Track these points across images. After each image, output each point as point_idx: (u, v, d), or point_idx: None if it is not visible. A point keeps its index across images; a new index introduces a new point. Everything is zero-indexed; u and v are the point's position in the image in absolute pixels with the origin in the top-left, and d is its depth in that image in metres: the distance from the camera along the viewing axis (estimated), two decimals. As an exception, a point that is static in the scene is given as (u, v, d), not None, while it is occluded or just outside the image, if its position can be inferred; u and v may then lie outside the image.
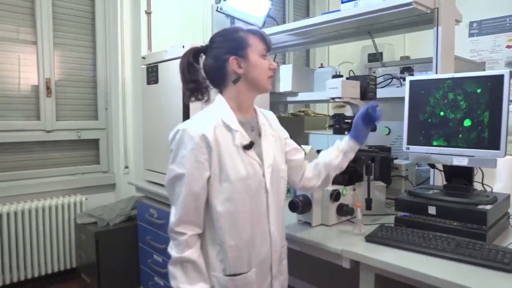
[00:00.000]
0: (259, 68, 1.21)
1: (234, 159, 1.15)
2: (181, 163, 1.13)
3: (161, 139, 2.35)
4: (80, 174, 3.10)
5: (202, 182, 1.13)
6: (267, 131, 1.29)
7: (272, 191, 1.22)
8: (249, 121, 1.25)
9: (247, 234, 1.17)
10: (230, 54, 1.19)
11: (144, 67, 2.49)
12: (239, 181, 1.14)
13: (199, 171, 1.12)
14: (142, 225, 2.53)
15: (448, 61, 1.79)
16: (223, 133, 1.16)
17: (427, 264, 1.19)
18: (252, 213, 1.18)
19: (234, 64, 1.19)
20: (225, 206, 1.15)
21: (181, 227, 1.14)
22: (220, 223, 1.15)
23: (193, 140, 1.12)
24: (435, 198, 1.44)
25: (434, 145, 1.51)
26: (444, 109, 1.48)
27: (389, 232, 1.39)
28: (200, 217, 1.16)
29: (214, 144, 1.12)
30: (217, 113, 1.19)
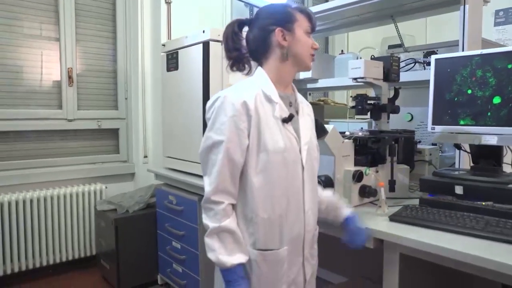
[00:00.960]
0: (303, 43, 1.19)
1: (273, 130, 1.13)
2: (220, 130, 1.10)
3: (181, 125, 2.35)
4: (100, 163, 3.14)
5: (241, 150, 1.11)
6: (304, 109, 1.26)
7: (307, 168, 1.19)
8: (288, 96, 1.23)
9: (280, 208, 1.14)
10: (276, 25, 1.17)
11: (164, 54, 2.50)
12: (277, 153, 1.12)
13: (239, 138, 1.10)
14: (161, 212, 2.54)
15: (475, 43, 1.73)
16: (263, 103, 1.14)
17: (455, 242, 1.14)
18: (288, 187, 1.15)
19: (280, 35, 1.17)
20: (260, 177, 1.12)
21: (217, 195, 1.11)
22: (253, 195, 1.12)
23: (234, 106, 1.09)
24: (463, 178, 1.39)
25: (461, 125, 1.47)
26: (472, 87, 1.44)
27: (414, 211, 1.35)
28: (235, 187, 1.13)
29: (254, 112, 1.10)
30: (258, 84, 1.17)
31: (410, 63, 2.17)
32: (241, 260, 1.11)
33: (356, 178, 1.51)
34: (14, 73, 2.77)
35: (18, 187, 2.72)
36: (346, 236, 1.32)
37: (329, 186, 1.50)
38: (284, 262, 1.16)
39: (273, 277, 1.15)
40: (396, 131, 1.63)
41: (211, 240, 1.11)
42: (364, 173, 1.53)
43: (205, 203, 1.13)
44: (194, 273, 2.26)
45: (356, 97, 1.65)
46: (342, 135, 1.57)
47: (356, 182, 1.52)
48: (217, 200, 1.11)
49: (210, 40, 2.08)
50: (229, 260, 1.09)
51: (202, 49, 2.10)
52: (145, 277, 2.65)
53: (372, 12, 2.16)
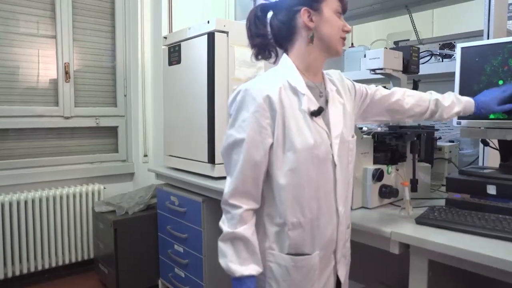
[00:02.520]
0: (332, 24, 1.06)
1: (301, 125, 1.02)
2: (241, 127, 1.01)
3: (184, 122, 2.23)
4: (98, 162, 3.02)
5: (264, 150, 1.01)
6: (335, 98, 1.13)
7: (340, 165, 1.08)
8: (317, 86, 1.11)
9: (311, 211, 1.04)
10: (302, 5, 1.05)
11: (165, 47, 2.38)
12: (306, 151, 1.01)
13: (261, 136, 1.00)
14: (162, 213, 2.42)
15: (500, 32, 1.61)
16: (289, 96, 1.03)
17: (491, 247, 1.03)
18: (318, 188, 1.04)
19: (306, 16, 1.05)
20: (288, 178, 1.02)
21: (236, 199, 1.02)
22: (281, 197, 1.02)
23: (255, 101, 1.00)
24: (495, 176, 1.28)
25: (490, 118, 1.35)
26: (504, 77, 1.32)
27: (442, 213, 1.23)
28: (258, 190, 1.04)
29: (278, 107, 1.00)
30: (283, 74, 1.07)
31: (426, 55, 2.06)
32: (253, 272, 1.01)
33: (377, 177, 1.39)
34: (9, 69, 2.65)
35: (11, 188, 2.60)
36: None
37: (347, 185, 1.38)
38: (316, 268, 1.06)
39: (304, 284, 1.05)
40: (419, 126, 1.51)
41: (224, 245, 1.03)
42: (386, 172, 1.41)
43: (223, 204, 1.05)
44: (198, 279, 2.14)
45: (374, 90, 1.53)
46: (360, 131, 1.45)
47: (376, 181, 1.40)
48: (235, 203, 1.02)
49: (215, 31, 1.96)
50: (240, 270, 1.01)
51: (207, 40, 1.98)
52: (145, 282, 2.53)
53: (385, 2, 2.04)
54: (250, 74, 2.07)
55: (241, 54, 2.02)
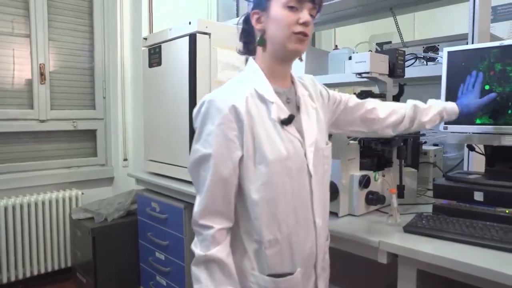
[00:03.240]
0: (278, 21, 0.96)
1: (271, 135, 0.95)
2: (206, 141, 0.93)
3: (165, 126, 2.16)
4: (76, 167, 2.91)
5: (232, 164, 0.94)
6: (307, 103, 1.06)
7: (316, 174, 1.02)
8: (285, 92, 1.04)
9: (289, 226, 0.97)
10: (253, 8, 1.01)
11: (145, 49, 2.31)
12: (278, 162, 0.94)
13: (228, 150, 0.93)
14: (143, 220, 2.34)
15: (484, 36, 1.61)
16: (257, 104, 0.96)
17: (482, 256, 1.01)
18: (295, 201, 0.98)
19: (254, 19, 1.00)
20: (261, 193, 0.95)
21: (206, 219, 0.95)
22: (256, 214, 0.96)
23: (221, 112, 0.92)
24: (482, 182, 1.26)
25: (477, 124, 1.34)
26: (490, 82, 1.31)
27: (430, 221, 1.21)
28: (229, 207, 0.97)
29: (246, 117, 0.93)
30: (250, 81, 0.99)
31: (410, 58, 2.04)
32: None
33: (364, 184, 1.36)
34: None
35: (-17, 195, 2.48)
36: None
37: (334, 192, 1.35)
38: (299, 286, 1.00)
39: None
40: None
41: (197, 270, 0.95)
42: (374, 179, 1.38)
43: (193, 225, 0.98)
44: (180, 287, 2.07)
45: (361, 94, 1.50)
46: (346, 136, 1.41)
47: (363, 188, 1.37)
48: (206, 224, 0.95)
49: (197, 32, 1.90)
50: None
51: (189, 42, 1.92)
52: (126, 291, 2.45)
53: (369, 5, 2.02)
54: (232, 76, 2.01)
55: (224, 56, 1.97)
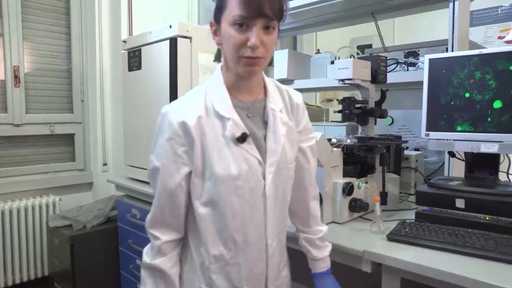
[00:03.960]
0: (226, 41, 0.90)
1: (223, 153, 0.92)
2: (158, 154, 0.94)
3: (145, 131, 2.12)
4: (53, 172, 2.83)
5: (179, 179, 0.93)
6: (277, 117, 0.99)
7: (274, 196, 0.98)
8: (247, 105, 0.98)
9: (236, 244, 0.95)
10: (213, 16, 0.94)
11: (125, 52, 2.25)
12: (228, 181, 0.91)
13: (176, 165, 0.93)
14: (123, 227, 2.29)
15: (463, 43, 1.63)
16: (212, 120, 0.93)
17: (464, 265, 1.02)
18: (245, 221, 0.94)
19: (211, 30, 0.96)
20: (208, 209, 0.94)
21: (154, 229, 0.98)
22: (202, 228, 0.95)
23: (171, 127, 0.91)
24: (463, 189, 1.27)
25: (458, 131, 1.35)
26: (470, 90, 1.32)
27: (413, 229, 1.21)
28: (178, 220, 0.97)
29: (196, 134, 0.91)
30: (208, 93, 0.96)
31: (392, 63, 2.06)
32: None
33: (347, 192, 1.35)
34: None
35: (-46, 203, 2.38)
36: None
37: (317, 200, 1.34)
38: None
39: None
40: (388, 138, 1.49)
41: (145, 274, 0.99)
42: (357, 187, 1.38)
43: (146, 231, 1.01)
44: (162, 295, 2.03)
45: (344, 101, 1.50)
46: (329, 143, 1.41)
47: (347, 195, 1.37)
48: (154, 234, 0.98)
49: (178, 36, 1.86)
50: None
51: (169, 46, 1.88)
52: (106, 299, 2.39)
53: (350, 10, 2.02)
54: (215, 81, 1.99)
55: (205, 60, 1.94)
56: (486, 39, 3.84)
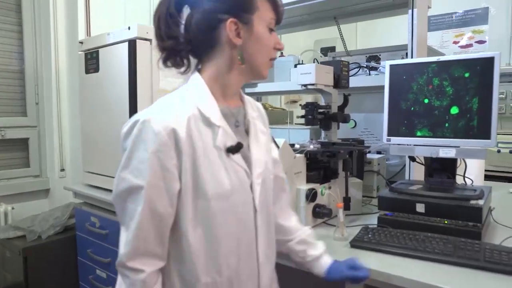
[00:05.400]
0: (262, 43, 0.87)
1: (215, 166, 0.83)
2: (138, 170, 0.79)
3: (103, 136, 2.03)
4: (5, 179, 2.66)
5: (170, 199, 0.80)
6: (257, 126, 0.95)
7: (262, 209, 0.91)
8: (234, 113, 0.92)
9: (230, 268, 0.86)
10: (229, 14, 0.84)
11: (81, 53, 2.15)
12: (221, 198, 0.83)
13: (166, 182, 0.79)
14: (82, 236, 2.19)
15: (422, 48, 1.67)
16: (200, 129, 0.83)
17: (426, 271, 1.04)
18: (238, 239, 0.86)
19: (233, 29, 0.85)
20: (199, 232, 0.83)
21: (136, 261, 0.80)
22: (191, 254, 0.82)
23: (158, 137, 0.78)
24: (423, 194, 1.29)
25: (418, 136, 1.37)
26: (429, 96, 1.35)
27: (376, 235, 1.22)
28: (164, 247, 0.83)
29: (186, 145, 0.80)
30: (192, 99, 0.85)
31: (354, 67, 2.08)
32: None
33: (310, 198, 1.35)
34: None
35: None
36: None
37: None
38: None
39: None
40: (349, 143, 1.50)
41: None
42: (320, 193, 1.37)
43: (119, 266, 0.83)
44: (123, 307, 1.96)
45: (307, 106, 1.49)
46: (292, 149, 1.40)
47: (310, 201, 1.36)
48: (136, 267, 0.80)
49: (137, 38, 1.80)
50: None
51: (128, 48, 1.81)
52: (64, 313, 2.28)
53: (314, 13, 2.03)
54: (176, 84, 1.93)
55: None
56: (442, 44, 3.99)
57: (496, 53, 1.23)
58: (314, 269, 1.06)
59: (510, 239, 1.21)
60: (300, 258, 1.07)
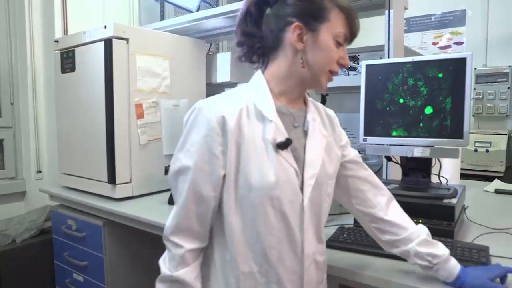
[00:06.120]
0: (324, 53, 0.88)
1: (260, 157, 0.84)
2: (189, 152, 0.86)
3: (80, 137, 1.99)
4: (-21, 182, 2.59)
5: (213, 183, 0.85)
6: (316, 129, 0.95)
7: (311, 211, 0.90)
8: (293, 113, 0.93)
9: (269, 262, 0.86)
10: (296, 17, 0.87)
11: (57, 52, 2.11)
12: (263, 190, 0.84)
13: (211, 166, 0.84)
14: (59, 239, 2.14)
15: (399, 49, 1.69)
16: (252, 121, 0.86)
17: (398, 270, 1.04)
18: (279, 236, 0.87)
19: (296, 33, 0.87)
20: (240, 221, 0.86)
21: (177, 236, 0.88)
22: (232, 238, 0.86)
23: (209, 123, 0.84)
24: (398, 193, 1.30)
25: (393, 136, 1.38)
26: (404, 96, 1.36)
27: (351, 235, 1.23)
28: (205, 227, 0.89)
29: (234, 132, 0.84)
30: (251, 94, 0.90)
31: (333, 68, 2.09)
32: None
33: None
34: None
35: None
36: None
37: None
38: None
39: None
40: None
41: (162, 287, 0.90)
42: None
43: (164, 239, 0.91)
44: (101, 310, 1.93)
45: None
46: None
47: (287, 202, 1.35)
48: (177, 241, 0.88)
49: (113, 38, 1.76)
50: None
51: (104, 47, 1.78)
52: (40, 318, 2.23)
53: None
54: (155, 84, 1.91)
55: (143, 63, 1.85)
56: (422, 44, 4.05)
57: (468, 54, 1.25)
58: (442, 272, 0.95)
59: (482, 237, 1.24)
60: (426, 262, 0.96)
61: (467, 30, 3.79)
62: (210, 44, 2.65)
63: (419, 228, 1.01)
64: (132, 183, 1.87)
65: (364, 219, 1.05)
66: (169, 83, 1.98)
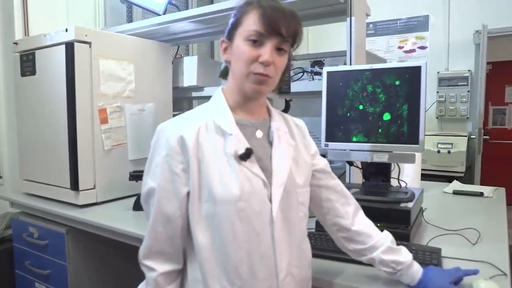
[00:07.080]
0: (238, 56, 0.88)
1: (224, 171, 0.85)
2: (154, 174, 0.88)
3: (42, 142, 1.94)
4: None
5: (178, 201, 0.86)
6: (282, 138, 0.95)
7: (283, 222, 0.89)
8: (254, 124, 0.94)
9: (241, 278, 0.85)
10: (225, 33, 0.94)
11: (17, 54, 2.04)
12: (228, 203, 0.83)
13: (174, 185, 0.86)
14: (20, 247, 2.08)
15: (360, 54, 1.73)
16: (212, 137, 0.88)
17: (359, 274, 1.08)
18: (250, 250, 0.85)
19: (222, 48, 0.94)
20: (208, 238, 0.85)
21: (150, 260, 0.90)
22: (201, 259, 0.86)
23: (168, 143, 0.86)
24: (358, 198, 1.33)
25: (353, 141, 1.42)
26: (363, 103, 1.40)
27: (312, 239, 1.24)
28: (176, 249, 0.90)
29: (194, 150, 0.85)
30: (210, 111, 0.92)
31: (298, 72, 2.12)
32: None
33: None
34: None
35: None
36: None
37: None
38: None
39: None
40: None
41: None
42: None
43: (139, 263, 0.93)
44: (64, 320, 1.88)
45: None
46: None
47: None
48: (149, 265, 0.90)
49: (75, 41, 1.73)
50: None
51: (65, 51, 1.74)
52: (0, 330, 2.16)
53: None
54: (119, 89, 1.88)
55: (107, 67, 1.82)
56: (388, 48, 4.16)
57: (423, 63, 1.30)
58: (405, 277, 0.98)
59: (436, 239, 1.28)
60: (390, 268, 0.99)
61: (430, 35, 3.92)
62: (178, 47, 2.64)
63: (384, 236, 1.03)
64: (96, 189, 1.84)
65: (332, 228, 1.06)
66: (134, 87, 1.95)
